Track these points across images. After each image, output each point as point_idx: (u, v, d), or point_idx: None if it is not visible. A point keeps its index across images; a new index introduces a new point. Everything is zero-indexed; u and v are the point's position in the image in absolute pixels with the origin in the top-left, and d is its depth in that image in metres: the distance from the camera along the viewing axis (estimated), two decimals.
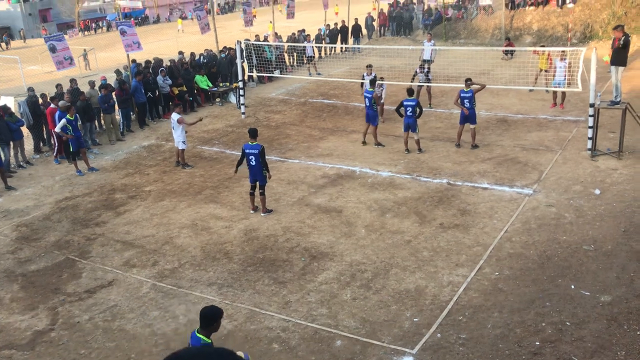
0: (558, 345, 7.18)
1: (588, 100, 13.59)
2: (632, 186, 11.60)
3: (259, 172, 11.29)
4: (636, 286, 8.29)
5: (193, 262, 9.96)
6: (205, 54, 22.97)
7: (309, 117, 18.66)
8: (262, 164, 11.22)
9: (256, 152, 11.15)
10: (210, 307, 5.70)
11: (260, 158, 11.16)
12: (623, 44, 13.05)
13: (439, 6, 33.41)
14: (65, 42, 17.38)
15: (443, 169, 13.30)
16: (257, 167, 11.23)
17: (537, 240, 9.88)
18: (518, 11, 29.10)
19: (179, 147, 14.50)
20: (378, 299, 8.52)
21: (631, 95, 16.49)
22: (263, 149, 11.27)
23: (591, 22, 26.30)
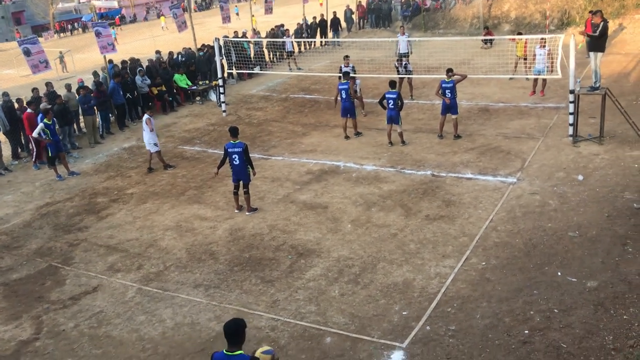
0: (547, 333, 7.20)
1: (568, 86, 13.66)
2: (614, 171, 11.68)
3: (242, 171, 11.17)
4: (621, 270, 8.35)
5: (178, 264, 9.85)
6: (184, 52, 22.74)
7: (291, 113, 18.56)
8: (246, 162, 11.10)
9: (239, 151, 11.01)
10: (232, 322, 5.19)
11: (244, 156, 11.04)
12: (603, 30, 13.10)
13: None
14: (40, 45, 17.09)
15: (427, 161, 13.30)
16: (241, 165, 11.10)
17: (522, 228, 9.91)
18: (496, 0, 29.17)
19: (151, 150, 14.16)
20: (366, 294, 8.48)
21: (610, 80, 16.61)
22: (246, 146, 11.14)
23: (568, 9, 26.43)
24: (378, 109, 15.74)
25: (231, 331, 5.09)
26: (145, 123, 13.95)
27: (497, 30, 27.26)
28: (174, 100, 20.17)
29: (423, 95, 18.60)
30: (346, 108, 15.14)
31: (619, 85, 16.71)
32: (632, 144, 12.82)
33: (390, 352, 7.25)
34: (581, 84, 13.76)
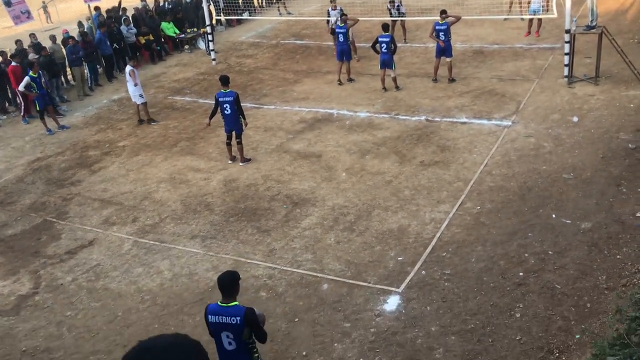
0: (541, 275, 7.29)
1: (563, 26, 13.38)
2: (609, 111, 11.60)
3: (234, 120, 11.03)
4: (615, 211, 8.39)
5: (174, 216, 9.84)
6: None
7: (282, 60, 18.21)
8: (237, 111, 10.96)
9: (230, 100, 10.86)
10: (226, 274, 5.22)
11: (235, 105, 10.88)
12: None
13: None
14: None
15: (421, 106, 13.15)
16: (233, 115, 10.96)
17: (517, 171, 9.90)
18: None
19: (137, 102, 13.86)
20: (362, 241, 8.53)
21: (606, 18, 16.28)
22: (237, 95, 10.98)
23: None
24: (371, 53, 15.43)
25: (225, 283, 5.10)
26: (128, 75, 13.61)
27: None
28: (161, 50, 19.71)
29: (417, 39, 18.23)
30: (343, 51, 14.87)
31: (615, 24, 16.40)
32: (628, 84, 12.68)
33: (386, 297, 7.34)
34: (577, 23, 13.49)
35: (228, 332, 5.05)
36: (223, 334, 5.09)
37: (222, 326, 5.06)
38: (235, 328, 5.01)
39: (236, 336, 5.04)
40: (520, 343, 6.31)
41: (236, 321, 4.99)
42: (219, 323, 5.06)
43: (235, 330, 5.02)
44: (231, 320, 5.00)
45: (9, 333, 7.50)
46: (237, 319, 4.98)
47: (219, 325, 5.07)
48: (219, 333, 5.11)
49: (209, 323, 5.14)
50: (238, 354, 5.12)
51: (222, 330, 5.08)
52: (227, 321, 5.02)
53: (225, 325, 5.04)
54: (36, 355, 7.05)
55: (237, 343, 5.07)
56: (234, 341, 5.07)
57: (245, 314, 4.97)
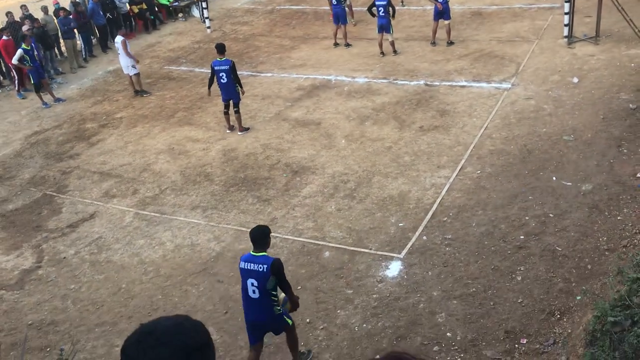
0: (542, 237, 7.31)
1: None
2: (610, 71, 11.48)
3: (231, 89, 10.95)
4: (615, 172, 8.37)
5: (174, 187, 9.83)
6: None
7: (278, 26, 17.95)
8: (234, 80, 10.86)
9: (226, 68, 10.76)
10: (257, 228, 5.67)
11: (231, 74, 10.78)
12: None
13: None
14: None
15: (420, 70, 13.01)
16: (229, 83, 10.87)
17: (517, 134, 9.84)
18: None
19: (130, 73, 13.64)
20: (362, 208, 8.53)
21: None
22: (233, 64, 10.88)
23: None
24: (368, 17, 15.22)
25: (257, 236, 5.57)
26: (121, 45, 13.40)
27: None
28: (155, 19, 19.41)
29: (414, 1, 17.92)
30: (338, 14, 14.77)
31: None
32: (629, 43, 12.52)
33: (388, 263, 7.38)
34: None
35: (253, 279, 5.45)
36: (249, 281, 5.50)
37: (249, 273, 5.48)
38: (261, 276, 5.40)
39: (260, 284, 5.43)
40: (521, 306, 6.36)
41: (263, 269, 5.40)
42: (247, 270, 5.50)
43: (260, 278, 5.41)
44: (258, 268, 5.42)
45: (14, 307, 7.56)
46: (264, 267, 5.39)
47: (247, 272, 5.50)
48: (245, 280, 5.53)
49: (240, 268, 5.57)
50: (260, 303, 5.51)
51: (249, 277, 5.49)
52: (255, 268, 5.44)
53: (252, 272, 5.45)
54: (42, 328, 7.12)
55: (260, 292, 5.45)
56: (257, 289, 5.46)
57: (272, 264, 5.38)
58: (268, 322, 5.66)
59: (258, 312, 5.59)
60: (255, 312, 5.61)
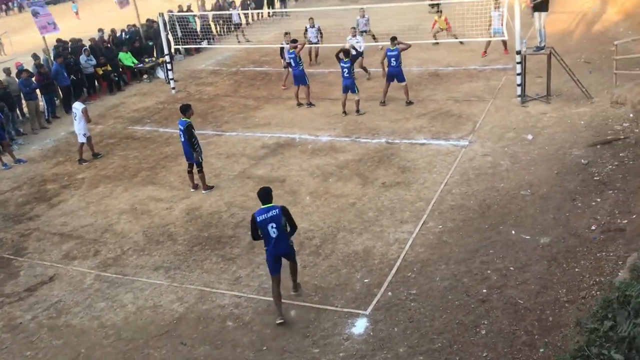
0: (504, 291, 7.43)
1: (514, 47, 13.85)
2: (562, 128, 12.00)
3: (186, 149, 11.15)
4: (571, 225, 8.64)
5: (136, 247, 9.69)
6: (127, 29, 22.01)
7: (243, 87, 18.29)
8: (188, 142, 10.97)
9: (182, 129, 10.96)
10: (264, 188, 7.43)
11: (185, 135, 10.92)
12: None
13: None
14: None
15: (381, 128, 13.36)
16: (185, 144, 11.09)
17: (476, 190, 10.11)
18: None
19: (83, 140, 13.50)
20: (328, 265, 8.55)
21: (554, 39, 16.90)
22: (188, 125, 10.93)
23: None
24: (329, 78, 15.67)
25: (264, 195, 7.36)
26: (81, 112, 13.32)
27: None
28: (120, 80, 19.57)
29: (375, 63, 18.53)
30: (296, 76, 15.24)
31: (563, 44, 17.05)
32: (578, 101, 13.17)
33: (354, 320, 7.36)
34: (527, 44, 13.98)
35: (273, 223, 7.24)
36: (269, 226, 7.25)
37: (269, 220, 7.25)
38: (277, 218, 7.24)
39: (277, 224, 7.25)
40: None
41: (276, 212, 7.24)
42: (265, 219, 7.25)
43: (277, 220, 7.25)
44: (273, 213, 7.23)
45: None
46: (276, 210, 7.25)
47: (266, 220, 7.25)
48: (266, 226, 7.25)
49: (258, 222, 7.25)
50: (280, 239, 7.31)
51: (269, 223, 7.25)
52: (271, 214, 7.23)
53: (270, 218, 7.23)
54: None
55: (278, 230, 7.26)
56: (276, 229, 7.25)
57: (281, 207, 7.33)
58: (286, 251, 7.46)
59: (279, 245, 7.34)
60: (277, 246, 7.34)
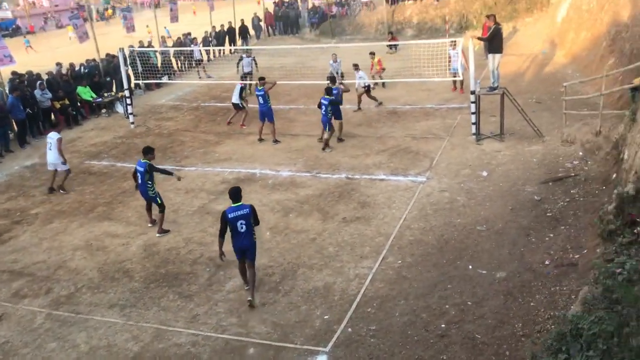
0: (462, 325, 7.50)
1: (469, 87, 14.32)
2: (515, 166, 12.37)
3: (144, 190, 10.83)
4: (526, 260, 8.84)
5: (91, 284, 9.42)
6: (86, 64, 21.84)
7: (203, 122, 18.27)
8: (145, 183, 10.67)
9: (141, 171, 10.71)
10: (234, 188, 8.51)
11: (143, 177, 10.65)
12: (493, 33, 13.89)
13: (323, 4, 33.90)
14: None
15: (341, 164, 13.51)
16: (142, 185, 10.79)
17: (434, 225, 10.27)
18: (398, 6, 30.17)
19: (62, 169, 13.30)
20: (288, 301, 8.49)
21: (507, 80, 17.56)
22: (148, 167, 10.66)
23: (466, 13, 27.77)
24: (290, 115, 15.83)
25: (234, 194, 8.44)
26: (56, 142, 13.11)
27: (401, 35, 28.17)
28: (78, 114, 19.30)
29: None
30: (263, 112, 15.29)
31: (515, 85, 17.73)
32: (530, 140, 13.63)
33: (314, 358, 7.29)
34: (481, 84, 14.47)
35: (242, 220, 8.26)
36: (238, 222, 8.26)
37: (239, 217, 8.25)
38: (246, 216, 8.29)
39: (246, 221, 8.27)
40: None
41: (247, 210, 8.31)
42: (237, 216, 8.25)
43: (246, 217, 8.28)
44: (244, 211, 8.29)
45: None
46: (247, 209, 8.31)
47: (236, 217, 8.26)
48: (236, 223, 8.25)
49: (229, 218, 8.22)
50: (246, 234, 8.34)
51: (239, 220, 8.25)
52: (242, 212, 8.27)
53: (241, 215, 8.26)
54: None
55: (246, 226, 8.29)
56: (244, 225, 8.29)
57: (250, 207, 8.39)
58: (250, 245, 8.42)
59: (245, 239, 8.37)
60: (243, 240, 8.37)
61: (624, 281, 4.82)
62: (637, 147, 7.98)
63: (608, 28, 17.91)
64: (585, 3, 21.12)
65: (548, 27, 24.14)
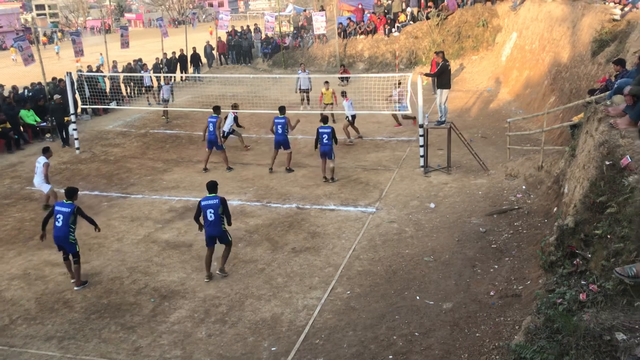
0: (409, 356, 7.52)
1: (419, 121, 14.65)
2: (462, 198, 12.66)
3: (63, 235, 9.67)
4: (472, 291, 8.98)
5: (27, 316, 8.99)
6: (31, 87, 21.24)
7: (151, 149, 17.97)
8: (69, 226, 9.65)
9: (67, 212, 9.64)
10: (211, 181, 9.89)
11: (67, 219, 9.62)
12: (441, 69, 14.36)
13: (276, 35, 34.26)
14: None
15: (292, 194, 13.50)
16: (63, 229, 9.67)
17: (382, 255, 10.34)
18: (350, 40, 30.78)
19: (48, 189, 13.19)
20: (234, 333, 8.32)
21: (454, 115, 18.12)
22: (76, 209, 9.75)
23: (415, 49, 28.59)
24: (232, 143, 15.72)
25: (211, 186, 9.79)
26: (43, 168, 13.07)
27: (352, 69, 28.69)
28: (20, 138, 18.66)
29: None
30: (211, 141, 15.24)
31: (462, 120, 18.28)
32: (476, 173, 14.00)
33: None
34: (429, 118, 14.85)
35: (211, 209, 9.48)
36: (208, 210, 9.49)
37: (208, 206, 9.50)
38: (216, 206, 9.50)
39: (215, 211, 9.49)
40: None
41: (216, 202, 9.52)
42: (207, 204, 9.51)
43: (215, 207, 9.50)
44: (214, 202, 9.52)
45: None
46: (216, 200, 9.53)
47: (206, 206, 9.51)
48: (205, 211, 9.51)
49: (202, 205, 9.55)
50: (215, 223, 9.53)
51: (208, 208, 9.49)
52: (212, 202, 9.52)
53: (211, 205, 9.50)
54: None
55: (215, 216, 9.49)
56: (213, 215, 9.49)
57: (220, 199, 9.57)
58: (219, 234, 9.61)
59: (214, 228, 9.54)
60: (212, 229, 9.55)
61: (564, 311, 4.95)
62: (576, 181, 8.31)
63: (549, 68, 18.79)
64: (528, 43, 22.12)
65: (493, 65, 25.11)
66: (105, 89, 22.45)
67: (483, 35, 26.73)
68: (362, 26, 30.82)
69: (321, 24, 30.39)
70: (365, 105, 18.79)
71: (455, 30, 27.34)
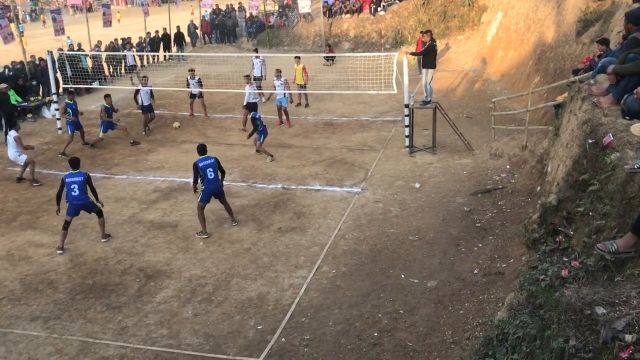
0: (394, 334, 7.61)
1: (403, 101, 14.66)
2: (446, 178, 12.73)
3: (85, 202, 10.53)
4: (456, 269, 9.08)
5: (11, 297, 8.95)
6: (11, 66, 20.87)
7: (135, 129, 17.78)
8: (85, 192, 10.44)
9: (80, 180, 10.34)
10: (201, 144, 10.78)
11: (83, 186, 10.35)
12: (428, 49, 14.33)
13: (261, 14, 33.92)
14: None
15: (277, 174, 13.48)
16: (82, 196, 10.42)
17: (368, 235, 10.40)
18: (335, 19, 30.57)
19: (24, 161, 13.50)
20: (221, 312, 8.35)
21: (439, 95, 18.13)
22: (88, 176, 10.57)
23: (401, 29, 28.48)
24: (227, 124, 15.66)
25: (201, 149, 10.62)
26: (14, 140, 13.41)
27: (338, 48, 28.54)
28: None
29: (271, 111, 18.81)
30: None
31: (447, 100, 18.31)
32: (461, 153, 14.08)
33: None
34: (415, 98, 14.85)
35: (210, 168, 10.36)
36: (208, 170, 10.32)
37: (207, 165, 10.36)
38: (213, 164, 10.44)
39: (214, 169, 10.37)
40: None
41: (213, 160, 10.48)
42: (205, 164, 10.35)
43: (213, 166, 10.42)
44: (211, 161, 10.43)
45: None
46: (212, 159, 10.49)
47: (205, 165, 10.35)
48: (205, 170, 10.31)
49: (200, 167, 10.33)
50: (215, 179, 10.46)
51: (207, 167, 10.33)
52: (209, 162, 10.42)
53: (209, 164, 10.39)
54: None
55: (214, 173, 10.40)
56: (213, 172, 10.37)
57: (215, 158, 10.53)
58: (218, 189, 10.61)
59: (215, 184, 10.49)
60: (214, 185, 10.50)
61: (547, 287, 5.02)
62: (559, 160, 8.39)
63: (534, 48, 18.83)
64: (514, 23, 22.13)
65: (479, 45, 25.11)
66: (87, 69, 22.10)
67: (469, 14, 26.69)
68: (347, 5, 30.62)
69: (306, 2, 30.12)
70: (351, 85, 18.75)
71: (441, 10, 27.27)
